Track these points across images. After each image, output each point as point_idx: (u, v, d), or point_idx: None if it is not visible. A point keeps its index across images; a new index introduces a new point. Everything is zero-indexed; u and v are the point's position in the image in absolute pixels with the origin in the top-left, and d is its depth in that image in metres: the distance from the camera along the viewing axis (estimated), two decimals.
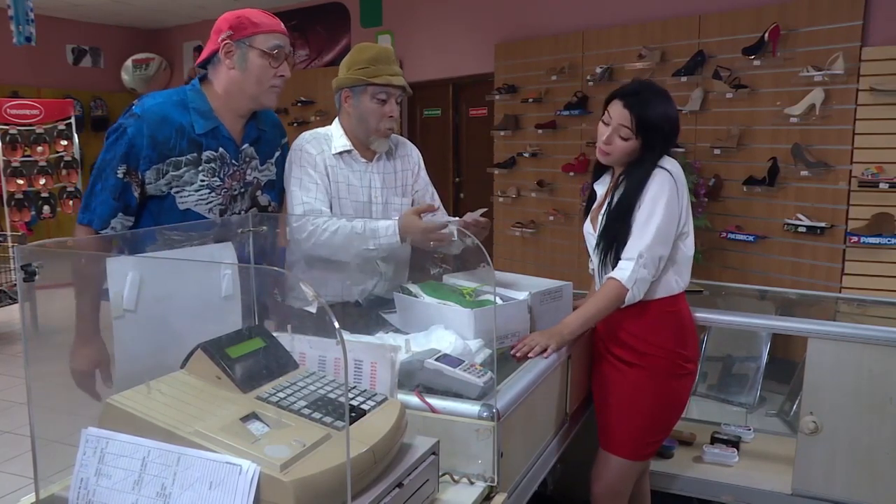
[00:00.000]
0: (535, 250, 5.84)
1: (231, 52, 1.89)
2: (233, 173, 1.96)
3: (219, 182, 1.93)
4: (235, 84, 1.91)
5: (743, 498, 2.37)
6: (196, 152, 1.89)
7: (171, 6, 7.80)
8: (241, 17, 1.89)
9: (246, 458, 0.97)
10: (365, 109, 2.09)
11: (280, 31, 1.92)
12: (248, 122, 2.00)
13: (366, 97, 2.08)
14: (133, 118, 1.84)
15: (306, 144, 2.10)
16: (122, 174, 1.82)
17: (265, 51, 1.88)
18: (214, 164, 1.92)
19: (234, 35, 1.88)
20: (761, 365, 3.93)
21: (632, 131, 1.91)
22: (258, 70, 1.89)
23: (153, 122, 1.84)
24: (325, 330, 1.30)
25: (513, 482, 1.54)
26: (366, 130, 2.11)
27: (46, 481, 1.14)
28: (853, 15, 4.04)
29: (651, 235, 1.89)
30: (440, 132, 6.79)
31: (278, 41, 1.91)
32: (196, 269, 1.50)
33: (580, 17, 5.44)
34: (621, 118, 1.92)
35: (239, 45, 1.88)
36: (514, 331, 1.86)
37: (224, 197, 1.95)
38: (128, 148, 1.82)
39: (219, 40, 1.89)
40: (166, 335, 1.35)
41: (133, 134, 1.82)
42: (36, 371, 1.15)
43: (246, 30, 1.88)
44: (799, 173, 4.25)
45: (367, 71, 2.06)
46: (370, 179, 2.15)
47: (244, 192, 2.01)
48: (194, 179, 1.89)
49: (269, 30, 1.90)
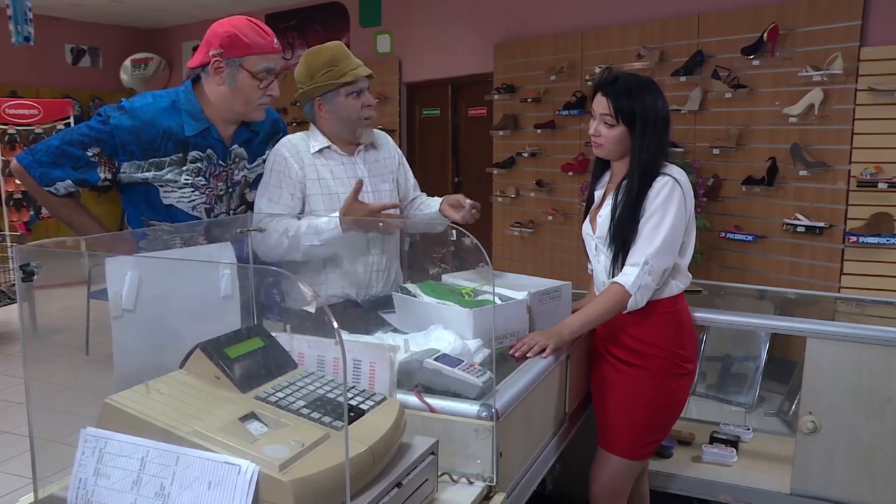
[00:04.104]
0: (534, 250, 5.84)
1: (221, 70, 1.88)
2: (219, 174, 1.97)
3: (203, 182, 1.94)
4: (224, 100, 1.92)
5: (742, 497, 2.37)
6: (182, 153, 1.90)
7: (169, 6, 7.80)
8: (233, 35, 1.87)
9: (245, 457, 0.97)
10: (343, 109, 2.08)
11: (271, 52, 1.91)
12: (240, 126, 2.00)
13: (340, 98, 2.07)
14: (119, 111, 1.86)
15: (282, 148, 2.08)
16: (93, 155, 1.84)
17: (255, 73, 1.88)
18: (201, 164, 1.93)
19: (224, 53, 1.87)
20: (760, 365, 3.93)
21: (613, 118, 1.93)
22: (247, 90, 1.90)
23: (139, 121, 1.85)
24: (323, 330, 1.30)
25: (512, 482, 1.54)
26: (350, 128, 2.11)
27: (45, 481, 1.14)
28: (852, 15, 4.04)
29: (657, 245, 1.88)
30: (439, 132, 6.79)
31: (269, 63, 1.90)
32: (195, 269, 1.50)
33: (579, 17, 5.44)
34: (602, 107, 1.95)
35: (229, 64, 1.88)
36: (513, 330, 1.86)
37: (208, 196, 1.96)
38: (105, 136, 1.84)
39: (209, 54, 1.88)
40: (165, 335, 1.35)
41: (114, 125, 1.84)
42: (34, 371, 1.15)
43: (237, 50, 1.87)
44: (798, 173, 4.25)
45: (331, 73, 2.05)
46: (356, 170, 2.15)
47: (231, 191, 2.01)
48: (178, 178, 1.90)
49: (260, 51, 1.89)
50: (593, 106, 1.98)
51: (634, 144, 1.93)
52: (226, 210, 2.01)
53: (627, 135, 1.93)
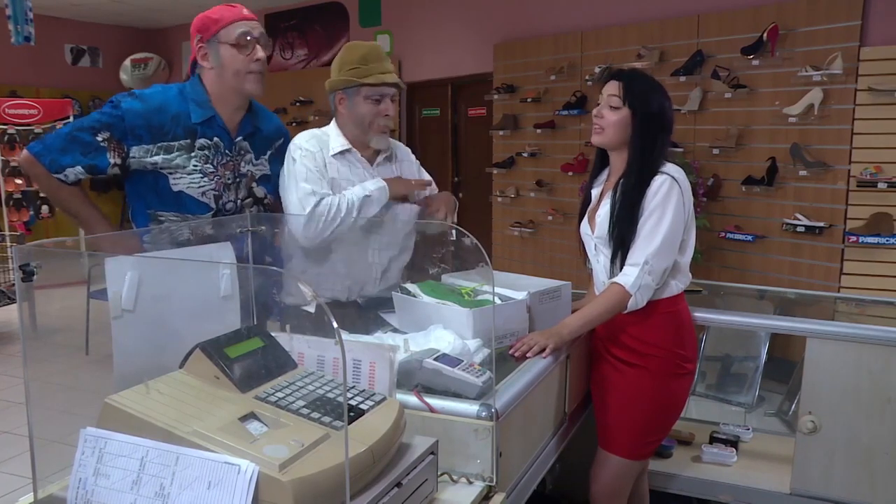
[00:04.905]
0: (534, 250, 5.84)
1: (206, 54, 1.95)
2: (226, 163, 2.00)
3: (212, 169, 1.98)
4: (218, 81, 1.97)
5: (741, 497, 2.37)
6: (190, 139, 1.94)
7: (169, 6, 7.80)
8: (204, 18, 1.95)
9: (244, 457, 0.96)
10: (360, 111, 2.08)
11: (242, 18, 1.96)
12: (245, 117, 2.04)
13: (359, 98, 2.07)
14: (130, 97, 1.92)
15: (304, 143, 2.09)
16: (103, 140, 1.87)
17: (232, 43, 1.93)
18: (208, 152, 1.97)
19: (203, 37, 1.95)
20: (760, 364, 3.93)
21: (620, 99, 1.94)
22: (231, 61, 1.94)
23: (150, 106, 1.91)
24: (323, 330, 1.30)
25: (511, 482, 1.54)
26: (363, 131, 2.11)
27: (45, 481, 1.14)
28: (851, 15, 4.04)
29: (657, 244, 1.89)
30: (439, 132, 6.79)
31: (242, 28, 1.94)
32: (194, 269, 1.50)
33: (579, 17, 5.44)
34: (611, 89, 1.96)
35: (210, 45, 1.94)
36: (513, 330, 1.86)
37: (217, 184, 1.99)
38: (116, 120, 1.87)
39: (193, 46, 1.96)
40: (165, 335, 1.35)
41: (126, 108, 1.88)
42: (34, 371, 1.15)
43: (210, 29, 1.94)
44: (797, 173, 4.25)
45: (357, 71, 2.05)
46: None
47: (238, 182, 2.04)
48: (186, 164, 1.94)
49: (231, 20, 1.94)
50: (602, 91, 2.00)
51: (635, 133, 1.94)
52: (234, 199, 2.03)
53: (630, 121, 1.94)
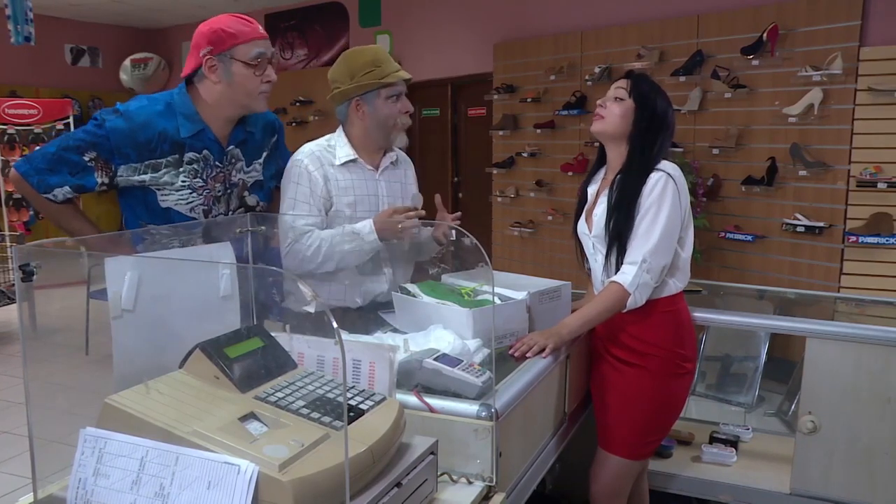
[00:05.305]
0: (534, 250, 5.84)
1: (214, 68, 1.87)
2: (216, 175, 1.96)
3: (201, 183, 1.93)
4: (224, 97, 1.90)
5: (741, 497, 2.37)
6: (178, 154, 1.89)
7: (169, 6, 7.80)
8: (217, 30, 1.86)
9: (244, 457, 0.97)
10: (383, 112, 2.07)
11: (259, 37, 1.89)
12: (236, 126, 1.99)
13: (379, 100, 2.06)
14: (114, 114, 1.86)
15: (306, 160, 2.06)
16: (90, 160, 1.84)
17: (248, 62, 1.87)
18: (197, 166, 1.92)
19: (213, 50, 1.86)
20: (760, 364, 3.93)
21: (626, 91, 1.97)
22: (244, 80, 1.88)
23: (135, 123, 1.85)
24: (323, 330, 1.30)
25: (511, 482, 1.54)
26: (384, 132, 2.10)
27: (45, 481, 1.14)
28: (851, 15, 4.04)
29: (654, 242, 1.89)
30: (439, 132, 6.79)
31: (260, 48, 1.88)
32: (194, 269, 1.50)
33: (579, 17, 5.44)
34: (619, 84, 2.01)
35: (221, 59, 1.86)
36: (513, 330, 1.86)
37: (206, 198, 1.95)
38: (101, 140, 1.84)
39: (200, 56, 1.87)
40: (165, 335, 1.35)
41: (110, 128, 1.84)
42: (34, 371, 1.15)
43: (225, 43, 1.86)
44: (797, 173, 4.25)
45: (374, 74, 2.03)
46: (377, 188, 2.14)
47: (229, 193, 2.01)
48: (174, 181, 1.90)
49: (249, 38, 1.87)
50: (611, 88, 2.02)
51: (636, 128, 1.95)
52: (224, 211, 2.00)
53: (632, 114, 1.95)
